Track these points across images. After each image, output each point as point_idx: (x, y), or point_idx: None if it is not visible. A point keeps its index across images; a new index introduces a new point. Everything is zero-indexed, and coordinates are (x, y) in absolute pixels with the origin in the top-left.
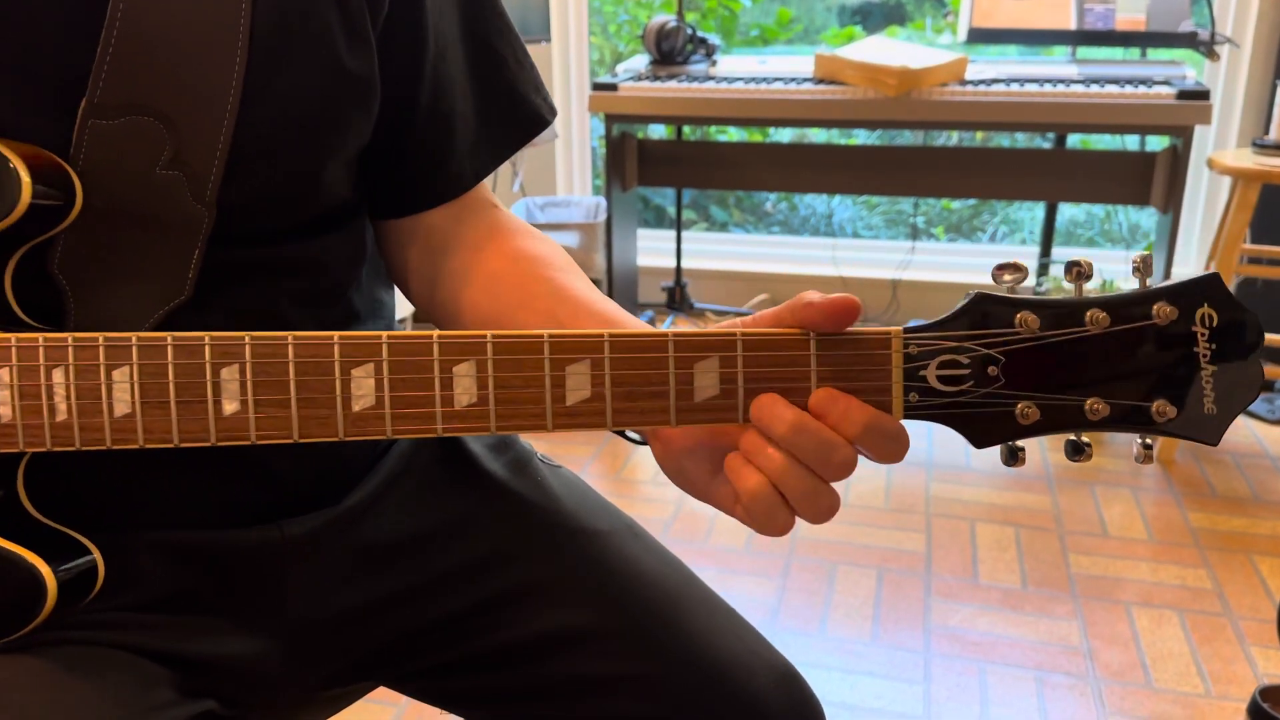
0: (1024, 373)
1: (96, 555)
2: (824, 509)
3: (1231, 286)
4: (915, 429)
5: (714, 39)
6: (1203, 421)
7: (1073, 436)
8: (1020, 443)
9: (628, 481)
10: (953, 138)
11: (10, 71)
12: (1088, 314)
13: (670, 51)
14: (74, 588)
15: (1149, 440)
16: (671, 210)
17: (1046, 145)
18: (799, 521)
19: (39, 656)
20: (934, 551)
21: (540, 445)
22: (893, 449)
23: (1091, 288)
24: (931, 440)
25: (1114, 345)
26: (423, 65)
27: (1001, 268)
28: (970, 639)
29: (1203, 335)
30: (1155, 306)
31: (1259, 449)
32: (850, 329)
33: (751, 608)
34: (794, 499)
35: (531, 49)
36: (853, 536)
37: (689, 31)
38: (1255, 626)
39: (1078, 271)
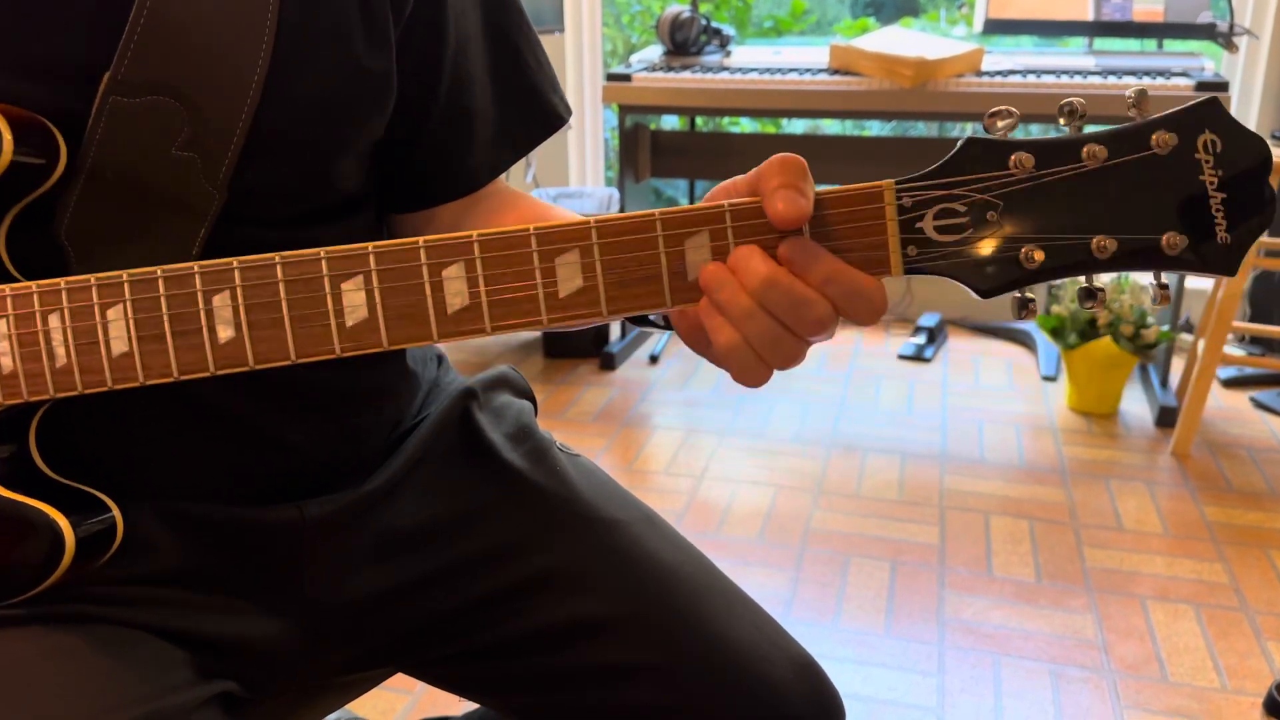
0: (1025, 215)
1: (115, 511)
2: (785, 356)
3: (1247, 281)
4: (929, 421)
5: (728, 30)
6: (1217, 251)
7: (1084, 282)
8: (1029, 293)
9: (640, 472)
10: (967, 129)
11: (36, 42)
12: (1084, 149)
13: (684, 42)
14: (92, 544)
15: (1164, 280)
16: (684, 202)
17: None
18: (812, 511)
19: (60, 633)
20: (948, 544)
21: (555, 435)
22: (859, 306)
23: (1107, 281)
24: (946, 433)
25: (1115, 179)
26: (442, 59)
27: (994, 114)
28: (984, 631)
29: (1207, 162)
30: (1154, 136)
31: (1274, 443)
32: (840, 186)
33: (764, 599)
34: (756, 346)
35: (545, 39)
36: (866, 528)
37: (703, 22)
38: (1271, 621)
39: (1070, 110)
